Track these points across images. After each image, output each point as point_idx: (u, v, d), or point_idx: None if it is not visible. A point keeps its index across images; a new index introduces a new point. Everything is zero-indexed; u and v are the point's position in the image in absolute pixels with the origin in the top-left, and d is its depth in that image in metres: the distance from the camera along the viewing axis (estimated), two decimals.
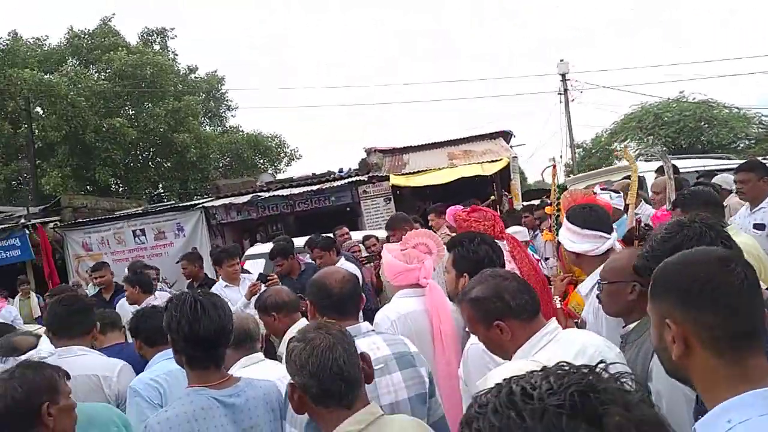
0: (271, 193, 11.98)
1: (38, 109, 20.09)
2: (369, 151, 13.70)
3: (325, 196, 12.01)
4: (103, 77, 22.19)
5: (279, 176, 20.08)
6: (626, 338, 2.06)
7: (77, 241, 12.12)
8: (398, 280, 2.94)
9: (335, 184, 11.83)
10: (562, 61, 19.65)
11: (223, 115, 26.70)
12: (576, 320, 2.82)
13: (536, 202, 10.65)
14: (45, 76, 20.12)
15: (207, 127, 25.01)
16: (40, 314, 9.35)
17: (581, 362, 1.57)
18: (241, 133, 25.74)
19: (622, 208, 4.55)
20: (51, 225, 12.43)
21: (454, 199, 11.27)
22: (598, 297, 2.19)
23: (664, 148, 22.18)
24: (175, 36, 25.83)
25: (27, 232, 11.86)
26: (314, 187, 11.71)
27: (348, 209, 12.19)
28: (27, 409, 1.78)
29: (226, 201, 11.93)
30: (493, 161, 11.16)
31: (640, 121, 26.71)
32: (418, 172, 11.55)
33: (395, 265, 2.92)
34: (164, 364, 2.57)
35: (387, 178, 11.54)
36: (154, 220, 12.08)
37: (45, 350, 2.37)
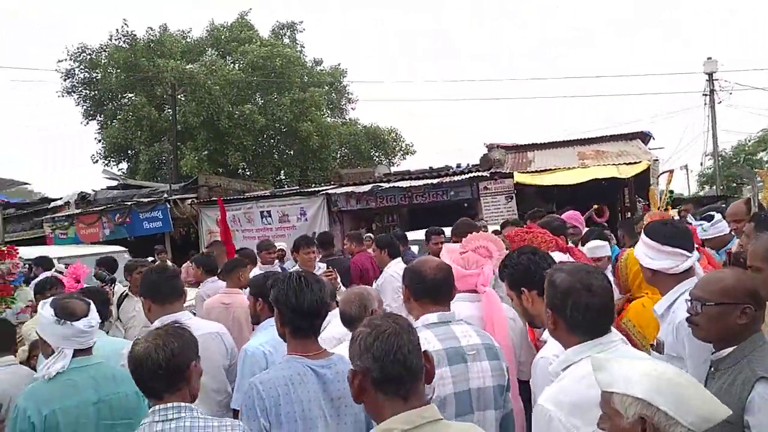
0: (391, 185, 12.08)
1: (180, 96, 21.84)
2: (490, 147, 13.38)
3: (443, 190, 11.91)
4: (237, 68, 23.68)
5: (394, 169, 20.31)
6: (718, 365, 1.90)
7: (211, 218, 13.02)
8: (457, 285, 2.79)
9: (455, 178, 11.68)
10: (709, 59, 17.88)
11: (343, 107, 27.46)
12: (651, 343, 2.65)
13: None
14: (187, 66, 21.84)
15: (328, 119, 25.83)
16: None
17: None
18: (359, 125, 26.33)
19: (723, 234, 4.21)
20: (189, 201, 13.45)
21: (582, 202, 10.81)
22: (689, 320, 1.99)
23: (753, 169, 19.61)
24: (304, 29, 26.93)
25: (168, 206, 12.94)
26: (434, 181, 11.65)
27: (465, 205, 12.00)
28: (181, 363, 1.92)
29: (348, 189, 12.21)
30: (630, 164, 10.41)
31: None
32: (546, 170, 11.07)
33: (453, 270, 2.75)
34: (270, 331, 2.73)
35: (510, 176, 11.19)
36: (280, 203, 12.67)
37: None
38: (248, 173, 24.20)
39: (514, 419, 2.31)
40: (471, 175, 11.60)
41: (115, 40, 22.81)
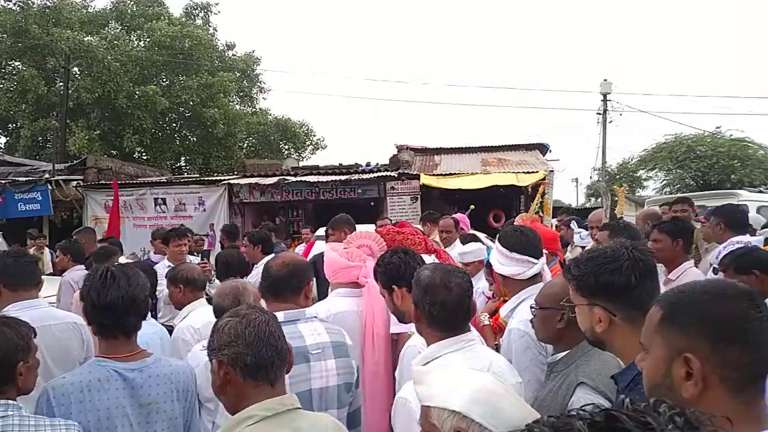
0: (298, 179, 11.81)
1: (75, 69, 20.10)
2: (400, 148, 13.50)
3: (351, 187, 11.83)
4: (142, 45, 22.22)
5: (302, 163, 19.98)
6: (553, 367, 2.00)
7: (99, 202, 12.05)
8: (337, 277, 2.92)
9: (364, 176, 11.64)
10: (605, 80, 19.25)
11: (254, 96, 26.63)
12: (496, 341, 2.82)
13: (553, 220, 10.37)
14: (85, 38, 20.17)
15: (237, 106, 24.94)
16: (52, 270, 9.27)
17: None
18: (270, 115, 25.67)
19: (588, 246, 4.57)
20: (74, 183, 12.37)
21: (482, 206, 11.17)
22: (531, 321, 2.13)
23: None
24: (219, 12, 25.82)
25: (49, 187, 11.82)
26: (342, 177, 11.54)
27: (372, 204, 12.01)
28: (3, 368, 1.83)
29: (253, 181, 11.79)
30: (528, 172, 10.89)
31: (672, 151, 26.22)
32: (451, 174, 11.32)
33: (337, 262, 2.91)
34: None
35: (417, 177, 11.33)
36: (177, 191, 11.98)
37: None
38: (145, 157, 22.78)
39: (360, 415, 2.36)
40: (379, 174, 11.61)
41: (5, 1, 20.63)
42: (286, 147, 25.73)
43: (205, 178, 13.09)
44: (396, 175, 11.52)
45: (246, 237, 5.35)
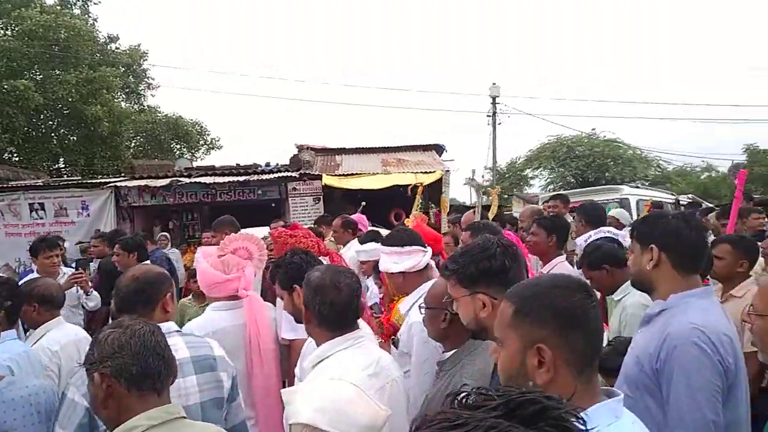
0: (193, 180, 11.31)
1: None
2: (301, 148, 13.35)
3: (250, 188, 11.54)
4: (9, 35, 20.12)
5: (196, 164, 19.12)
6: (442, 366, 2.09)
7: None
8: (214, 292, 2.76)
9: (263, 177, 11.39)
10: (494, 84, 20.29)
11: (142, 92, 25.05)
12: (394, 336, 2.86)
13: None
14: None
15: (123, 103, 23.32)
16: None
17: (370, 372, 1.74)
18: (159, 113, 24.29)
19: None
20: None
21: (384, 206, 11.37)
22: (423, 320, 2.22)
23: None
24: (99, 2, 24.00)
25: None
26: (240, 178, 11.22)
27: (273, 205, 11.80)
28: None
29: (142, 183, 11.12)
30: (426, 172, 11.23)
31: (554, 151, 28.26)
32: (352, 174, 11.39)
33: (212, 276, 2.74)
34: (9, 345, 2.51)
35: (319, 177, 11.29)
36: (57, 195, 11.00)
37: None
38: (17, 158, 20.67)
39: (246, 429, 2.29)
40: (280, 174, 11.42)
41: None
42: (178, 147, 24.50)
43: (89, 181, 12.14)
44: (297, 176, 11.40)
45: (118, 244, 4.85)
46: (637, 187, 12.49)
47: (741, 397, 1.78)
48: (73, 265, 6.28)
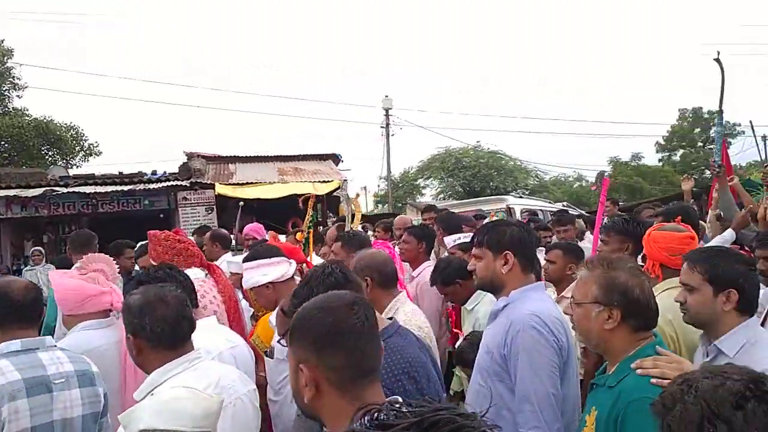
0: (70, 189, 10.46)
1: None
2: (191, 156, 12.80)
3: (136, 198, 10.92)
4: None
5: (73, 172, 17.63)
6: None
7: None
8: (88, 307, 2.54)
9: (151, 186, 10.80)
10: (386, 96, 20.84)
11: (6, 93, 22.65)
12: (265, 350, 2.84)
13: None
14: None
15: None
16: None
17: (212, 392, 1.79)
18: (28, 117, 22.08)
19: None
20: None
21: (281, 216, 11.22)
22: None
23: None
24: None
25: None
26: (125, 187, 10.55)
27: (161, 215, 11.22)
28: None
29: (11, 193, 10.09)
30: (324, 182, 11.27)
31: (443, 162, 29.57)
32: (248, 183, 11.14)
33: (84, 289, 2.54)
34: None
35: (212, 186, 10.91)
36: None
37: None
38: None
39: None
40: (169, 183, 10.89)
41: None
42: (50, 153, 22.43)
43: None
44: (188, 185, 10.95)
45: None
46: (520, 197, 13.60)
47: (572, 374, 2.08)
48: None
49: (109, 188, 10.43)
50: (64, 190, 10.33)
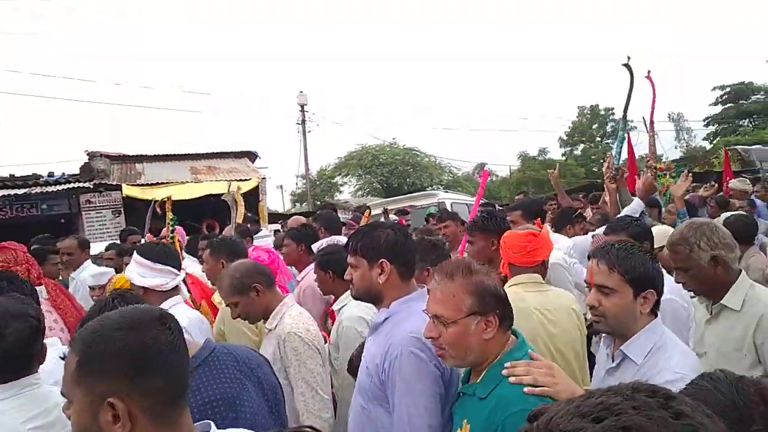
0: None
1: None
2: (92, 155, 11.93)
3: (32, 202, 10.04)
4: None
5: None
6: None
7: None
8: None
9: (49, 189, 9.96)
10: (301, 92, 20.51)
11: None
12: None
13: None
14: None
15: None
16: None
17: (38, 424, 1.71)
18: None
19: None
20: None
21: (195, 217, 10.71)
22: None
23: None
24: None
25: None
26: (19, 191, 9.65)
27: (62, 221, 10.37)
28: None
29: None
30: (241, 180, 10.89)
31: (360, 159, 29.67)
32: (158, 184, 10.54)
33: None
34: None
35: (118, 188, 10.23)
36: None
37: None
38: None
39: None
40: (70, 186, 10.08)
41: None
42: None
43: None
44: (92, 186, 10.19)
45: None
46: (447, 192, 14.04)
47: (452, 394, 1.86)
48: None
49: (2, 192, 9.50)
50: None
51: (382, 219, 6.39)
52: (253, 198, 11.32)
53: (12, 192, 9.63)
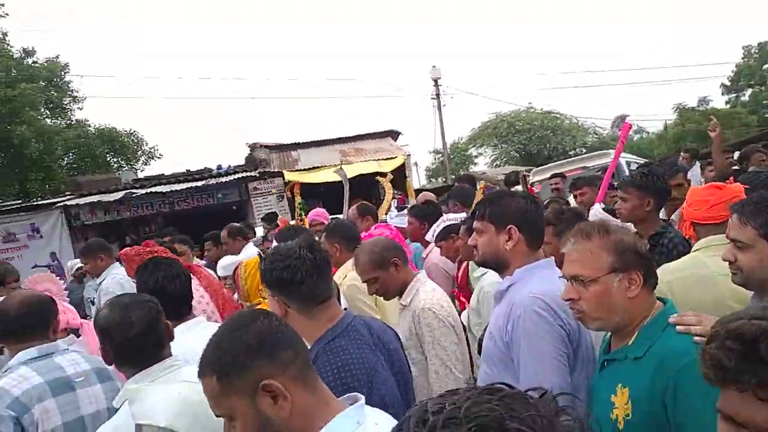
0: (147, 190, 10.83)
1: None
2: (253, 147, 13.01)
3: (209, 193, 11.20)
4: None
5: (142, 175, 18.28)
6: None
7: None
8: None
9: (222, 179, 11.05)
10: (434, 67, 20.45)
11: (67, 106, 23.63)
12: None
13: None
14: None
15: (48, 120, 21.94)
16: None
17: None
18: (90, 127, 23.00)
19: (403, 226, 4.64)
20: None
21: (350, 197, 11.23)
22: None
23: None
24: (6, 14, 22.37)
25: None
26: (198, 183, 10.84)
27: (234, 207, 11.48)
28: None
29: (94, 199, 10.54)
30: (388, 159, 11.20)
31: (495, 128, 28.91)
32: (314, 168, 11.21)
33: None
34: None
35: (280, 175, 11.05)
36: (2, 221, 10.27)
37: None
38: None
39: None
40: (239, 175, 11.10)
41: None
42: (115, 160, 23.35)
43: (33, 203, 11.39)
44: (258, 175, 11.12)
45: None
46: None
47: (587, 361, 1.83)
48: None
49: (184, 185, 10.73)
50: (143, 191, 10.70)
51: (552, 186, 6.10)
52: (399, 176, 11.60)
53: (192, 185, 10.81)
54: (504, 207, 1.96)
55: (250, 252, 5.02)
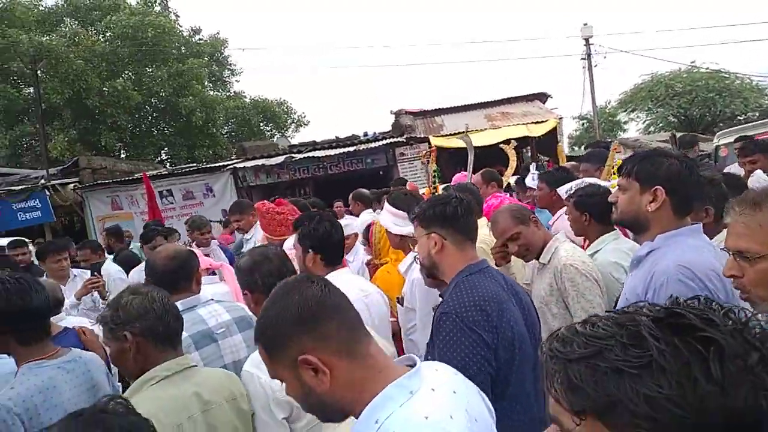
0: (305, 155, 11.54)
1: (39, 72, 19.13)
2: (398, 113, 13.24)
3: (359, 158, 11.64)
4: (102, 39, 21.25)
5: (294, 141, 19.55)
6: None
7: (104, 202, 11.66)
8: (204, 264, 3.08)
9: (371, 145, 11.42)
10: (585, 24, 19.11)
11: (227, 79, 25.84)
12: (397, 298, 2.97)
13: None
14: (43, 38, 19.14)
15: (211, 92, 24.18)
16: None
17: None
18: (246, 98, 24.98)
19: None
20: (71, 186, 11.89)
21: (489, 164, 11.06)
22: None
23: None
24: None
25: (48, 193, 11.34)
26: (350, 149, 11.31)
27: (381, 172, 11.83)
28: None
29: (258, 162, 11.49)
30: (538, 122, 10.79)
31: (651, 91, 26.42)
32: (460, 133, 11.13)
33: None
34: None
35: (426, 140, 11.14)
36: (182, 181, 11.64)
37: None
38: (126, 154, 22.03)
39: None
40: (387, 141, 11.40)
41: None
42: (268, 128, 25.17)
43: (207, 166, 12.72)
44: (404, 140, 11.33)
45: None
46: None
47: None
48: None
49: (337, 151, 11.27)
50: (301, 156, 11.43)
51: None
52: (551, 140, 11.14)
53: (344, 150, 11.31)
54: (654, 166, 1.86)
55: (367, 217, 5.43)
